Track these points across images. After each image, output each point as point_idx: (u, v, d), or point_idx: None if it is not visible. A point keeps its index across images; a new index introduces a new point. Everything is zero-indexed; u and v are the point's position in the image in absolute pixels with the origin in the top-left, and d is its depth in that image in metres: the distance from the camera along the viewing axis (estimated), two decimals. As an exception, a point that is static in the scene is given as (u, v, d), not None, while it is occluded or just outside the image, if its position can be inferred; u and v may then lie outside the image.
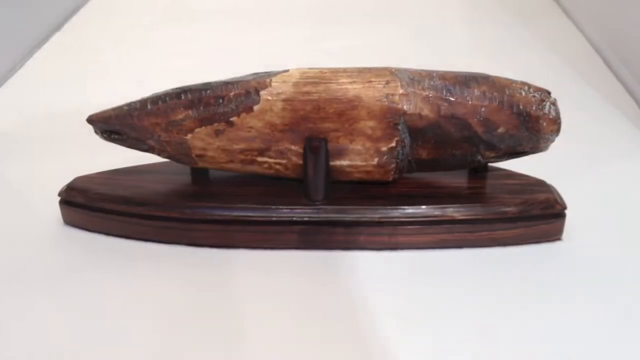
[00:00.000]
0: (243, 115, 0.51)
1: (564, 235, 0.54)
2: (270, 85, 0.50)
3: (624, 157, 0.67)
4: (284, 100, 0.50)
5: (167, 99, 0.52)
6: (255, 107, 0.50)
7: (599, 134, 0.72)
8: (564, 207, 0.52)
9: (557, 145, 0.52)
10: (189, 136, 0.52)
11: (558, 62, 0.89)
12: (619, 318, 0.47)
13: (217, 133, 0.52)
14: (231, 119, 0.51)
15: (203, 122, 0.51)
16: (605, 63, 0.89)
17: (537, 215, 0.52)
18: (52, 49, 0.99)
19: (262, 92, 0.50)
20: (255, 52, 0.96)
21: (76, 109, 0.63)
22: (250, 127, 0.51)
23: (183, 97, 0.52)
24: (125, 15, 1.13)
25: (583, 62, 0.89)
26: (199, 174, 0.57)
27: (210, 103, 0.51)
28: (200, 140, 0.52)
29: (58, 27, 1.05)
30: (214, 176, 0.57)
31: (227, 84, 0.52)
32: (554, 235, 0.53)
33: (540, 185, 0.54)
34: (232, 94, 0.51)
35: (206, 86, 0.52)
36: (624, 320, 0.47)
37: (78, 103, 0.78)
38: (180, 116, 0.52)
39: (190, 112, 0.51)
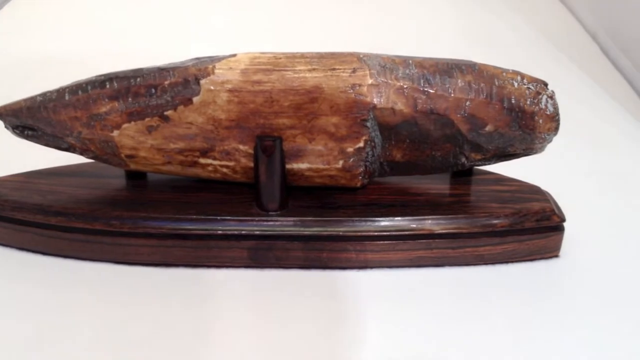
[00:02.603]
0: (180, 108, 0.46)
1: (562, 251, 0.51)
2: (213, 73, 0.45)
3: (629, 158, 0.64)
4: (229, 90, 0.45)
5: (89, 88, 0.46)
6: (195, 99, 0.45)
7: (600, 132, 0.69)
8: (563, 219, 0.49)
9: (554, 145, 0.49)
10: (116, 133, 0.47)
11: (551, 51, 0.87)
12: (627, 353, 0.43)
13: (150, 129, 0.47)
14: (166, 113, 0.46)
15: (132, 116, 0.46)
16: (603, 52, 0.87)
17: (531, 229, 0.49)
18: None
19: (203, 81, 0.45)
20: (205, 33, 0.89)
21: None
22: (190, 123, 0.46)
23: (108, 86, 0.46)
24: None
25: (579, 50, 0.87)
26: (135, 178, 0.52)
27: (140, 93, 0.46)
28: (130, 138, 0.47)
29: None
30: (153, 180, 0.52)
31: (161, 70, 0.46)
32: (551, 251, 0.50)
33: (534, 193, 0.51)
34: (167, 82, 0.46)
35: (136, 73, 0.46)
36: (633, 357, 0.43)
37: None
38: (104, 109, 0.46)
39: (116, 103, 0.46)
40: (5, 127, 0.49)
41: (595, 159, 0.64)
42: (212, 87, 0.45)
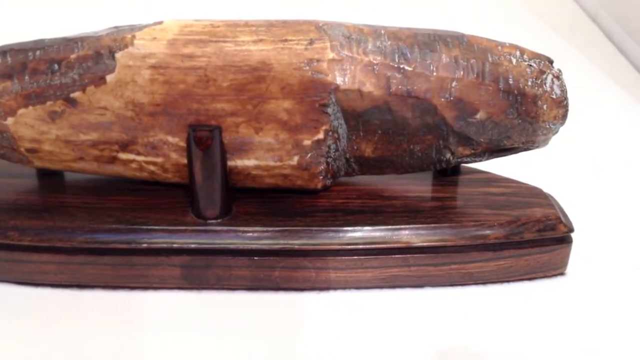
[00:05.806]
0: (91, 89, 0.41)
1: (569, 268, 0.48)
2: (132, 44, 0.41)
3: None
4: (153, 67, 0.41)
5: (-25, 64, 0.41)
6: (109, 78, 0.41)
7: (609, 124, 0.66)
8: (570, 229, 0.46)
9: (559, 138, 0.47)
10: (10, 121, 0.42)
11: (547, 34, 0.85)
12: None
13: (53, 116, 0.42)
14: (72, 96, 0.41)
15: (30, 99, 0.41)
16: (605, 34, 0.86)
17: (532, 241, 0.46)
18: None
19: (119, 55, 0.41)
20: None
21: None
22: (104, 108, 0.42)
23: (-1, 61, 0.41)
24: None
25: (577, 32, 0.85)
26: (49, 177, 0.48)
27: (39, 70, 0.41)
28: (29, 127, 0.42)
29: None
30: (70, 180, 0.48)
31: (67, 41, 0.42)
32: (556, 268, 0.47)
33: (535, 196, 0.48)
34: (73, 56, 0.41)
35: (36, 45, 0.42)
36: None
37: None
38: (-7, 90, 0.41)
39: (9, 83, 0.41)
40: None
41: (607, 155, 0.61)
42: (130, 63, 0.41)
